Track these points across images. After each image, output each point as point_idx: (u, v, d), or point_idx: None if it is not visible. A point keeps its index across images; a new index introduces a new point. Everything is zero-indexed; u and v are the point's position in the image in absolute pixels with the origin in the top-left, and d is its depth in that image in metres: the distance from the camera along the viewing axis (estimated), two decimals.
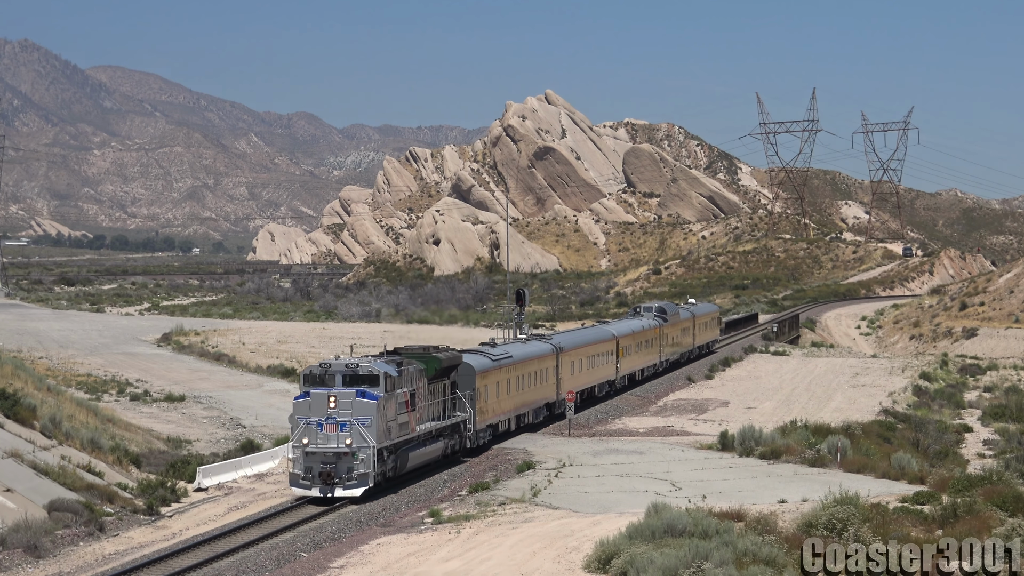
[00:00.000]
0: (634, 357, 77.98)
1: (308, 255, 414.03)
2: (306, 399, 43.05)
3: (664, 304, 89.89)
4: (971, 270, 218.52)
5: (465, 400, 51.04)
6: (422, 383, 46.67)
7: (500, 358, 55.48)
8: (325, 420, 42.54)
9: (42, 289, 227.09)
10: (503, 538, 36.25)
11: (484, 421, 53.14)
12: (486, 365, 53.54)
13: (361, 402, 42.57)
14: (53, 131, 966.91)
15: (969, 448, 62.62)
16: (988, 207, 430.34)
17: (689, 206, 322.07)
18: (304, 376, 43.87)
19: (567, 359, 64.61)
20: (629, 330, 77.80)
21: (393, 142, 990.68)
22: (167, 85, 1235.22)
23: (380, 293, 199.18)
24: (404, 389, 44.78)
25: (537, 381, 60.14)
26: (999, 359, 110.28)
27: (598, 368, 70.70)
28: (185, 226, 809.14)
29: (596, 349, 70.58)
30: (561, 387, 63.47)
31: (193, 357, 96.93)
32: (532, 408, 59.90)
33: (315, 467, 42.40)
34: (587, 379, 68.77)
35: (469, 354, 53.84)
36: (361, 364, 43.32)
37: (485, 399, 52.89)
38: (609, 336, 73.50)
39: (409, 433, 45.39)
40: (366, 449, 42.47)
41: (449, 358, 49.60)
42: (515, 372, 56.78)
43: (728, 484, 44.40)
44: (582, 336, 70.92)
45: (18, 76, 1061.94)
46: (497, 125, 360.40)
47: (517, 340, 63.07)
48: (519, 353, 58.50)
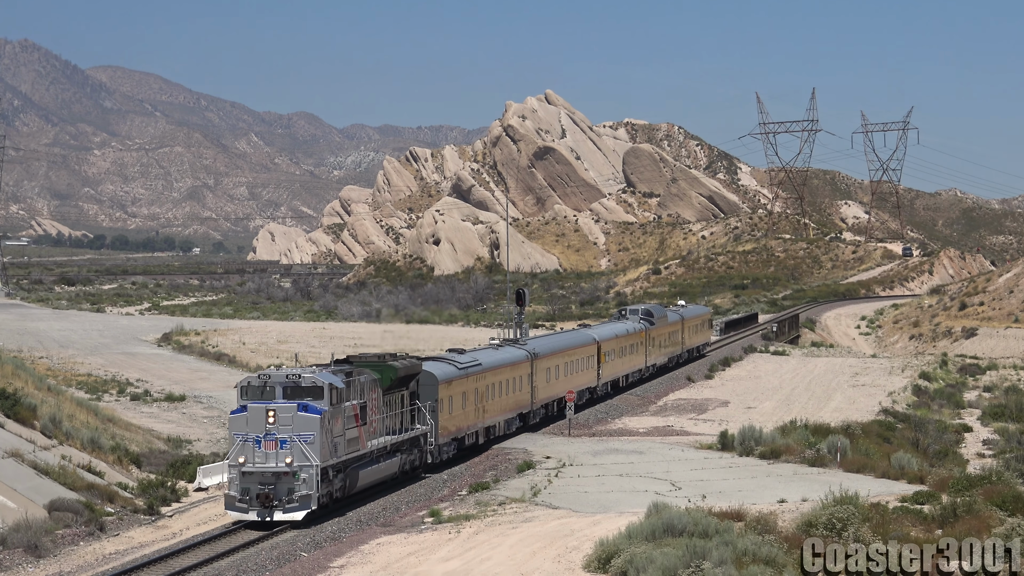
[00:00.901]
0: (617, 362, 75.16)
1: (308, 255, 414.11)
2: (243, 414, 39.51)
3: (651, 306, 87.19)
4: (971, 270, 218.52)
5: (426, 412, 47.86)
6: (375, 394, 43.47)
7: (467, 366, 52.52)
8: (263, 437, 39.10)
9: (42, 289, 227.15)
10: (503, 538, 36.27)
11: (448, 434, 50.07)
12: (450, 374, 50.49)
13: (303, 416, 39.10)
14: (53, 131, 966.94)
15: (969, 448, 62.59)
16: (988, 207, 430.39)
17: (689, 206, 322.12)
18: (241, 388, 40.25)
19: (543, 365, 61.79)
20: (612, 334, 74.98)
21: (393, 142, 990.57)
22: (167, 85, 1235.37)
23: (380, 293, 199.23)
24: (353, 401, 41.55)
25: (509, 390, 57.11)
26: (999, 359, 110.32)
27: (578, 374, 67.83)
28: (185, 226, 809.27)
29: (575, 354, 67.62)
30: (536, 395, 60.69)
31: (193, 357, 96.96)
32: (504, 418, 56.96)
33: (252, 488, 38.97)
34: (565, 386, 65.80)
35: (432, 362, 50.89)
36: (303, 375, 39.81)
37: (449, 410, 49.76)
38: (590, 340, 70.71)
39: (359, 449, 42.09)
40: (308, 468, 39.02)
41: (407, 367, 46.31)
42: (484, 380, 53.80)
43: (728, 484, 44.44)
44: (560, 341, 67.99)
45: (18, 76, 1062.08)
46: (497, 125, 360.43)
47: (488, 346, 60.20)
48: (489, 360, 55.47)
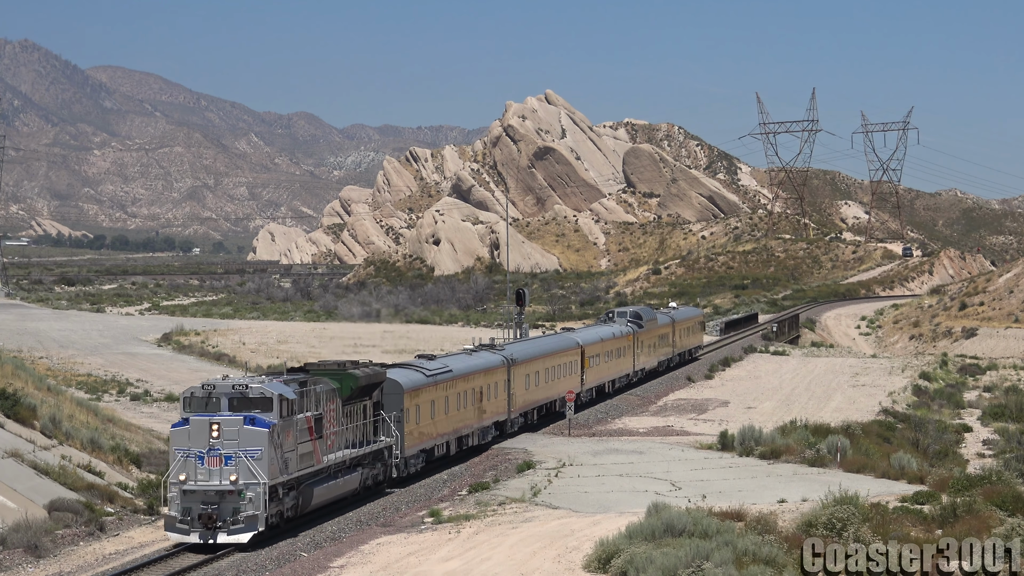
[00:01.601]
0: (603, 367, 72.35)
1: (308, 255, 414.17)
2: (184, 427, 36.69)
3: (640, 309, 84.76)
4: (971, 270, 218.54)
5: (391, 423, 45.03)
6: (333, 405, 40.81)
7: (436, 373, 49.93)
8: (207, 452, 36.29)
9: (42, 289, 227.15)
10: (503, 538, 36.27)
11: (416, 446, 47.35)
12: (418, 382, 47.94)
13: (250, 430, 36.37)
14: (53, 131, 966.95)
15: (969, 448, 62.61)
16: (988, 207, 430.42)
17: (689, 206, 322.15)
18: (184, 399, 37.49)
19: (521, 372, 59.18)
20: (597, 338, 72.39)
21: (393, 142, 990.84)
22: (167, 85, 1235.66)
23: (380, 293, 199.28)
24: (307, 413, 38.91)
25: (484, 397, 54.47)
26: (999, 359, 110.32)
27: (559, 381, 65.08)
28: (185, 226, 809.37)
29: (557, 360, 64.91)
30: (513, 403, 58.23)
31: (193, 357, 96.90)
32: (478, 428, 54.22)
33: (194, 508, 36.14)
34: (545, 393, 63.16)
35: (398, 369, 48.43)
36: (251, 385, 37.10)
37: (417, 420, 47.14)
38: (573, 345, 68.07)
39: (313, 465, 39.38)
40: (255, 486, 36.24)
41: (369, 375, 43.44)
42: (456, 388, 51.22)
43: (728, 484, 44.45)
44: (540, 345, 65.20)
45: (18, 76, 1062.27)
46: (497, 125, 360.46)
47: (462, 352, 57.40)
48: (461, 367, 53.01)
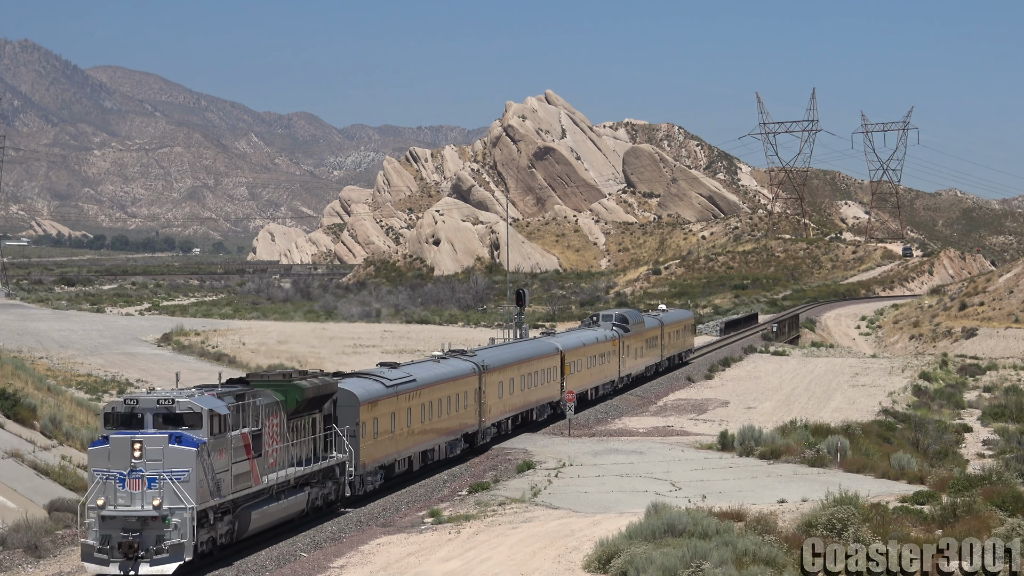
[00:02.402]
0: (585, 374, 69.16)
1: (308, 255, 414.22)
2: (104, 446, 33.20)
3: (626, 312, 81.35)
4: (971, 270, 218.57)
5: (344, 437, 41.73)
6: (276, 419, 37.69)
7: (397, 383, 46.91)
8: (128, 474, 32.89)
9: (42, 289, 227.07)
10: (503, 538, 36.26)
11: (373, 462, 44.23)
12: (375, 393, 44.79)
13: (176, 449, 33.04)
14: (53, 131, 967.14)
15: (969, 448, 62.62)
16: (988, 207, 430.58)
17: (689, 206, 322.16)
18: (105, 415, 34.21)
19: (493, 379, 56.14)
20: (578, 343, 69.25)
21: (393, 142, 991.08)
22: (167, 85, 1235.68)
23: (380, 293, 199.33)
24: (243, 429, 35.61)
25: (452, 408, 51.55)
26: (999, 359, 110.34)
27: (536, 388, 62.15)
28: (185, 226, 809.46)
29: (534, 366, 61.91)
30: (485, 413, 55.25)
31: (193, 357, 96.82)
32: (445, 440, 51.37)
33: (114, 536, 32.71)
34: (521, 402, 60.00)
35: (354, 379, 45.22)
36: (178, 400, 33.78)
37: (374, 435, 44.05)
38: (552, 350, 64.98)
39: (251, 486, 36.05)
40: (181, 512, 32.83)
41: (318, 386, 39.98)
42: (420, 399, 48.30)
43: (728, 484, 44.44)
44: (515, 351, 61.75)
45: (18, 76, 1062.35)
46: (497, 125, 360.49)
47: (428, 359, 54.71)
48: (426, 375, 50.04)
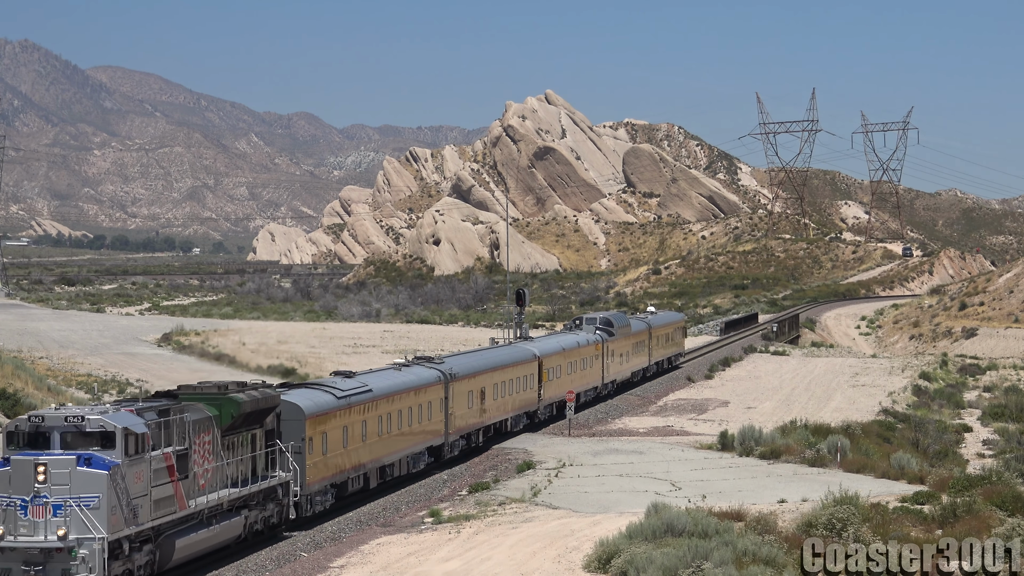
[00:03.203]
0: (565, 380, 65.95)
1: (308, 255, 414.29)
2: (5, 469, 30.02)
3: (611, 315, 78.34)
4: (971, 270, 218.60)
5: (289, 454, 38.25)
6: (208, 436, 34.07)
7: (350, 394, 43.28)
8: (31, 500, 29.55)
9: (42, 289, 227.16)
10: (503, 538, 36.26)
11: (322, 480, 40.76)
12: (325, 405, 41.35)
13: (85, 473, 29.67)
14: (53, 131, 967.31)
15: (969, 448, 62.63)
16: (988, 207, 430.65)
17: (689, 206, 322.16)
18: (7, 434, 31.08)
19: (462, 388, 52.88)
20: (558, 348, 66.12)
21: (393, 142, 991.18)
22: (167, 85, 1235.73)
23: (380, 293, 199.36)
24: (166, 449, 31.79)
25: (415, 419, 47.98)
26: (999, 359, 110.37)
27: (512, 397, 58.74)
28: (185, 226, 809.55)
29: (509, 374, 58.47)
30: (452, 425, 51.88)
31: (193, 357, 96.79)
32: (406, 454, 47.62)
33: (14, 570, 29.66)
34: (493, 412, 56.35)
35: (301, 390, 41.81)
36: (89, 417, 30.36)
37: (323, 451, 40.66)
38: (529, 356, 61.63)
39: (175, 511, 32.26)
40: (90, 543, 29.37)
41: (256, 399, 36.27)
42: (377, 411, 44.64)
43: (728, 484, 44.43)
44: (488, 358, 58.25)
45: (18, 76, 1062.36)
46: (497, 125, 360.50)
47: (390, 367, 50.94)
48: (384, 385, 46.36)
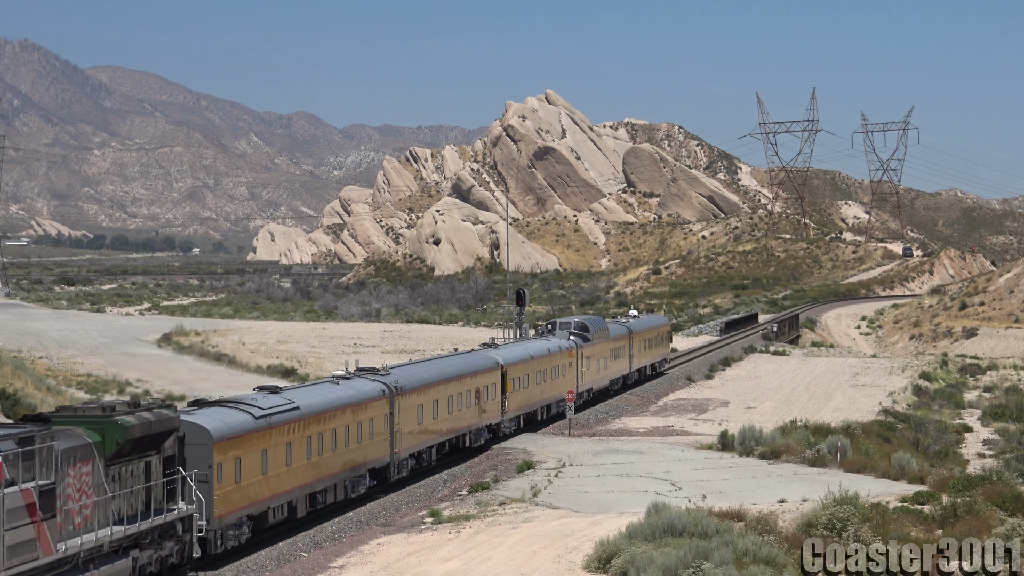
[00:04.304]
0: (533, 390, 61.13)
1: (308, 255, 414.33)
2: None
3: (587, 319, 73.17)
4: (971, 270, 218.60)
5: (192, 483, 32.91)
6: (87, 467, 28.94)
7: (271, 412, 37.88)
8: None
9: (42, 289, 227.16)
10: (503, 538, 36.25)
11: (235, 512, 35.32)
12: (238, 426, 35.84)
13: None
14: (53, 131, 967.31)
15: (969, 448, 62.67)
16: (988, 207, 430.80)
17: (689, 206, 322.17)
18: None
19: (410, 403, 47.35)
20: (525, 355, 60.76)
21: (393, 142, 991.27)
22: (167, 85, 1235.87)
23: (380, 293, 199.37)
24: (25, 484, 26.41)
25: (353, 439, 42.65)
26: (999, 359, 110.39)
27: (470, 410, 53.52)
28: (185, 226, 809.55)
29: (467, 384, 53.09)
30: (399, 442, 46.08)
31: (193, 357, 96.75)
32: (343, 478, 42.31)
33: None
34: (449, 426, 51.17)
35: (211, 409, 36.21)
36: None
37: (236, 478, 35.31)
38: (491, 365, 56.36)
39: (37, 557, 26.79)
40: None
41: (149, 422, 30.65)
42: (305, 430, 39.47)
43: (728, 484, 44.43)
44: (442, 368, 52.39)
45: (18, 76, 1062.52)
46: (497, 125, 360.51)
47: (327, 380, 45.06)
48: (315, 401, 40.89)
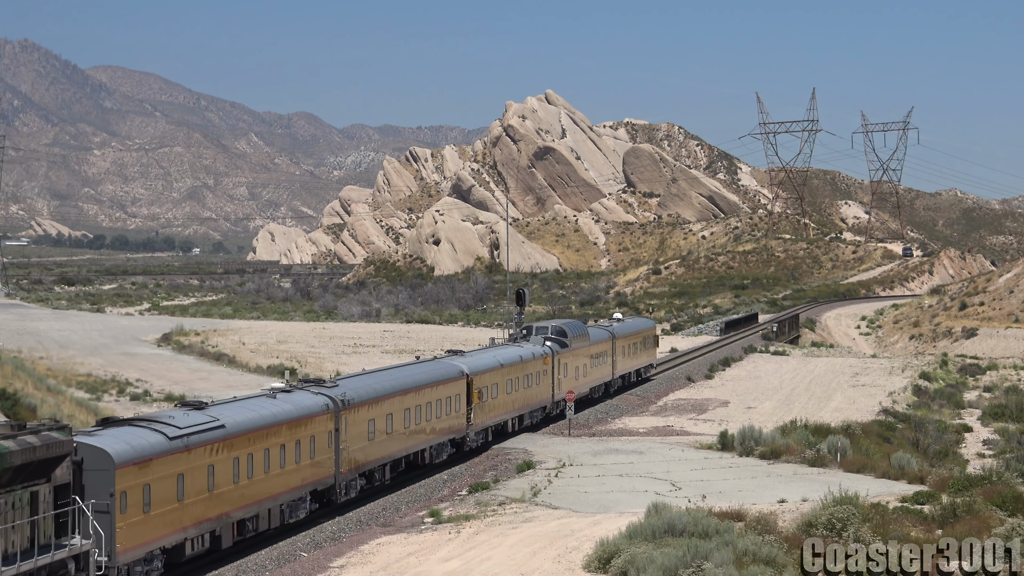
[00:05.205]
0: (502, 401, 57.19)
1: (308, 255, 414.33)
2: None
3: (566, 323, 68.66)
4: (971, 270, 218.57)
5: (90, 515, 29.48)
6: None
7: (191, 432, 33.81)
8: None
9: (42, 289, 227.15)
10: (503, 538, 36.25)
11: (144, 545, 31.75)
12: (147, 448, 31.91)
13: None
14: (53, 131, 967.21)
15: (969, 448, 62.66)
16: (988, 207, 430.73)
17: (689, 206, 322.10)
18: None
19: (359, 417, 43.35)
20: (493, 363, 56.85)
21: (393, 142, 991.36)
22: (167, 85, 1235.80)
23: (380, 293, 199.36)
24: None
25: (290, 458, 38.74)
26: (999, 359, 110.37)
27: (430, 423, 49.64)
28: (185, 226, 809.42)
29: (426, 395, 49.12)
30: (346, 460, 42.28)
31: (193, 357, 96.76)
32: (278, 503, 38.23)
33: None
34: (404, 443, 47.20)
35: (118, 429, 32.25)
36: None
37: (145, 508, 31.62)
38: (455, 374, 52.63)
39: None
40: None
41: (32, 447, 27.22)
42: (232, 451, 35.43)
43: (728, 484, 44.44)
44: (397, 379, 48.14)
45: (18, 76, 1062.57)
46: (497, 125, 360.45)
47: (262, 394, 40.51)
48: (244, 419, 36.57)
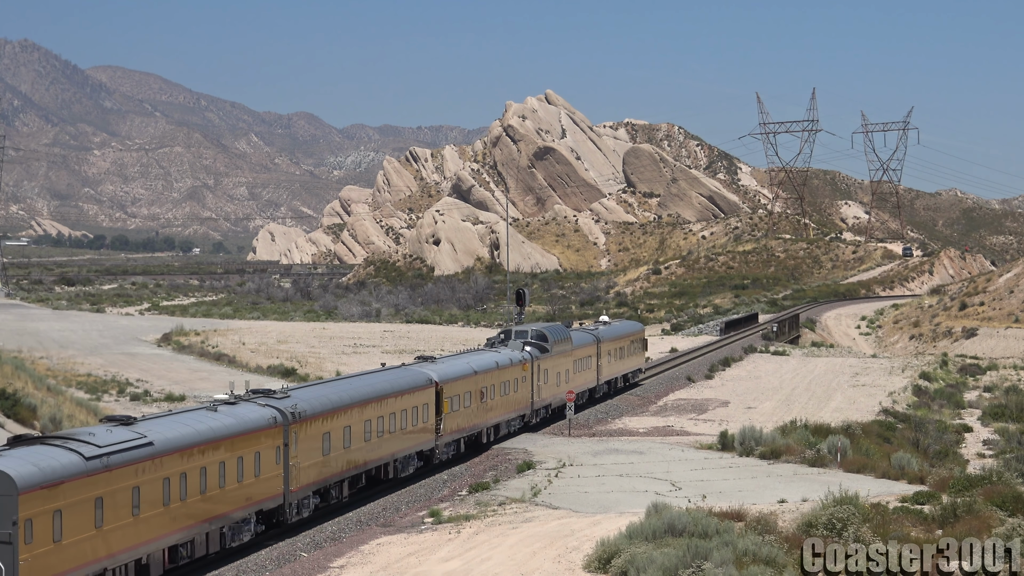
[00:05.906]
0: (474, 411, 53.99)
1: (308, 255, 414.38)
2: None
3: (547, 327, 65.32)
4: (971, 270, 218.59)
5: None
6: None
7: (112, 451, 30.58)
8: None
9: (42, 289, 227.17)
10: (503, 538, 36.25)
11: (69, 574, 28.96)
12: (59, 471, 28.82)
13: None
14: (53, 131, 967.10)
15: (969, 448, 62.66)
16: (988, 207, 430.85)
17: (689, 206, 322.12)
18: None
19: (311, 431, 39.92)
20: (466, 371, 53.55)
21: (393, 142, 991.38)
22: (167, 85, 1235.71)
23: (380, 293, 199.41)
24: None
25: (231, 478, 35.46)
26: (999, 359, 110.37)
27: (394, 436, 46.24)
28: (185, 226, 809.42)
29: (389, 406, 45.73)
30: (296, 478, 38.97)
31: (193, 357, 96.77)
32: (218, 526, 35.16)
33: None
34: (365, 456, 43.88)
35: (30, 449, 29.37)
36: None
37: (56, 536, 28.47)
38: (423, 382, 49.35)
39: None
40: None
41: None
42: (161, 471, 32.25)
43: (728, 484, 44.44)
44: (356, 389, 44.51)
45: (18, 76, 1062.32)
46: (497, 125, 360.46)
47: (202, 406, 37.19)
48: (176, 435, 33.37)
